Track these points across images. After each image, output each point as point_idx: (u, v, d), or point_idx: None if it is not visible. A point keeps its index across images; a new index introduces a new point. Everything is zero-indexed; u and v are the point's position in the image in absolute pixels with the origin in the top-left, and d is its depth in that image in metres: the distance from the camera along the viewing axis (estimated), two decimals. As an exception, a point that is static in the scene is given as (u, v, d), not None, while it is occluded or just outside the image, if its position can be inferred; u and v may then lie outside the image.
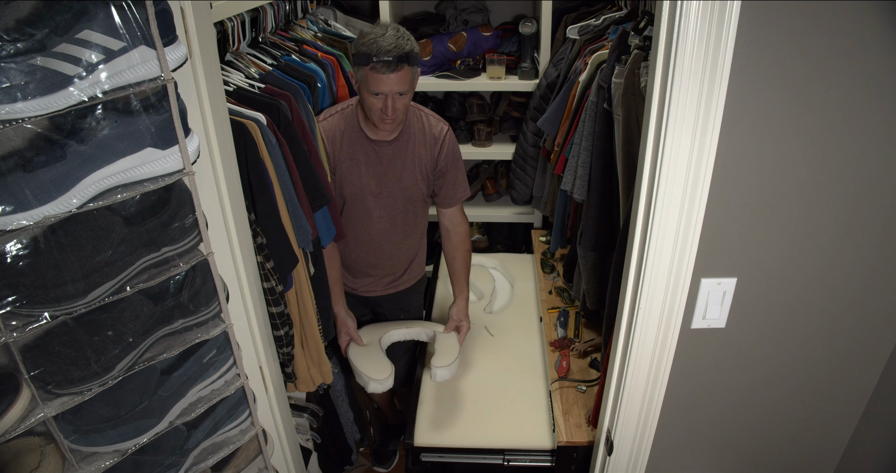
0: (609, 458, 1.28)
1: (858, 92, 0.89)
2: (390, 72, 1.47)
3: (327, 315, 1.62)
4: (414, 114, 1.72)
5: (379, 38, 1.46)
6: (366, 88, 1.52)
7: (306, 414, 1.70)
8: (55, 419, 0.88)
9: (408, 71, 1.50)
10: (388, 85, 1.49)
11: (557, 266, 2.29)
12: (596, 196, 1.57)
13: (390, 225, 1.79)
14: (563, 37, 2.19)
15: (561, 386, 1.72)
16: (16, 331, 0.80)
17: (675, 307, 1.06)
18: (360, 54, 1.48)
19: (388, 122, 1.58)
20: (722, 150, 0.93)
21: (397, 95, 1.52)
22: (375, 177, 1.70)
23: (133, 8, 0.76)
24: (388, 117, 1.55)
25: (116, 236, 0.86)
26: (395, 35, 1.48)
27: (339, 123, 1.65)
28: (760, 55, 0.86)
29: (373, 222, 1.76)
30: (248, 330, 1.15)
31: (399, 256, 1.89)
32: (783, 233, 1.02)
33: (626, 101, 1.36)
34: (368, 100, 1.53)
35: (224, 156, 1.00)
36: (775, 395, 1.20)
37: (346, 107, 1.67)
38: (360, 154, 1.68)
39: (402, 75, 1.49)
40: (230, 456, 1.20)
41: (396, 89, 1.50)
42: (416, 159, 1.72)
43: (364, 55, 1.47)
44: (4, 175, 0.74)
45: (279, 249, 1.26)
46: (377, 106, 1.53)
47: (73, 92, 0.75)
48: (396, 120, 1.59)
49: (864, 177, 0.96)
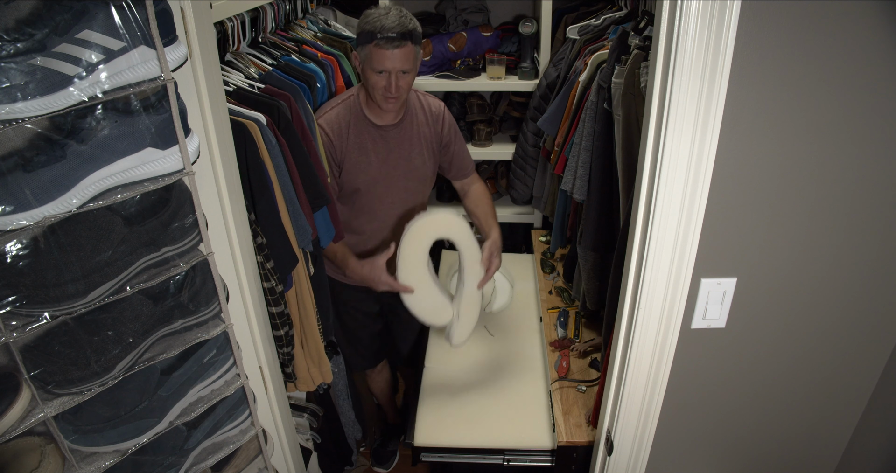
0: (609, 458, 1.28)
1: (858, 92, 0.89)
2: (394, 48, 1.48)
3: (327, 315, 1.62)
4: (412, 95, 1.75)
5: (382, 16, 1.48)
6: (370, 66, 1.52)
7: (306, 414, 1.70)
8: (55, 419, 0.88)
9: (411, 48, 1.51)
10: (392, 61, 1.50)
11: (557, 266, 2.29)
12: (596, 196, 1.57)
13: (403, 209, 1.80)
14: (563, 37, 2.19)
15: (561, 386, 1.72)
16: (16, 331, 0.80)
17: (675, 307, 1.06)
18: (363, 33, 1.49)
19: (391, 101, 1.58)
20: (722, 150, 0.93)
21: (401, 73, 1.53)
22: (385, 162, 1.70)
23: (133, 8, 0.76)
24: (392, 95, 1.55)
25: (116, 236, 0.86)
26: (399, 13, 1.50)
27: (342, 114, 1.64)
28: (760, 55, 0.86)
29: (387, 208, 1.77)
30: (248, 330, 1.15)
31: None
32: (783, 233, 1.02)
33: (626, 101, 1.36)
34: (372, 78, 1.54)
35: (224, 156, 1.00)
36: (775, 395, 1.20)
37: (347, 97, 1.66)
38: (368, 142, 1.67)
39: (405, 52, 1.50)
40: (230, 456, 1.20)
41: (400, 66, 1.51)
42: (422, 138, 1.74)
43: (368, 33, 1.48)
44: (4, 175, 0.74)
45: (279, 249, 1.26)
46: (381, 84, 1.53)
47: (73, 92, 0.75)
48: (400, 98, 1.59)
49: (864, 176, 0.96)
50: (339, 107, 1.65)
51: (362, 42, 1.51)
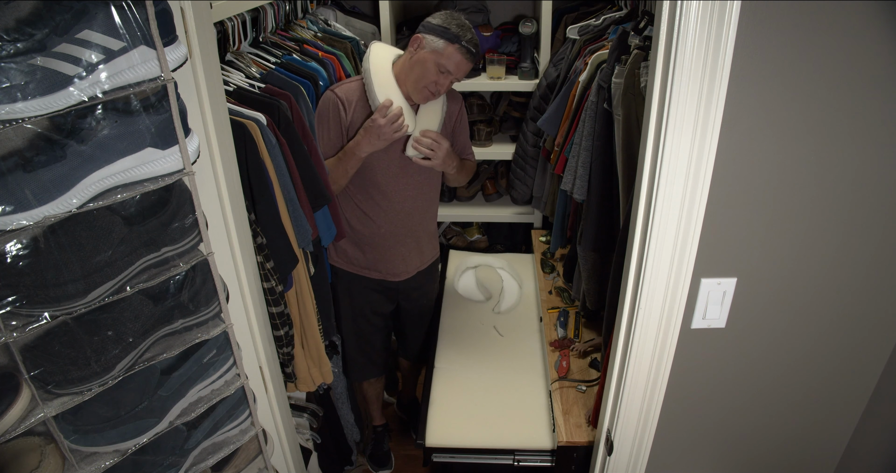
0: (609, 458, 1.28)
1: (858, 92, 0.89)
2: (470, 60, 1.60)
3: (328, 315, 1.62)
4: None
5: (467, 29, 1.59)
6: (436, 61, 1.59)
7: (306, 414, 1.70)
8: (55, 419, 0.88)
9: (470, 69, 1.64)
10: (462, 70, 1.61)
11: (557, 266, 2.29)
12: (596, 196, 1.57)
13: (417, 191, 1.81)
14: (563, 37, 2.19)
15: (561, 386, 1.72)
16: (16, 331, 0.80)
17: (675, 307, 1.06)
18: (450, 30, 1.57)
19: (427, 97, 1.66)
20: (722, 150, 0.93)
21: (454, 79, 1.63)
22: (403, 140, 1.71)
23: (133, 8, 0.76)
24: (433, 94, 1.64)
25: (116, 236, 0.86)
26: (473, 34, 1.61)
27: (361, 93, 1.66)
28: (760, 55, 0.86)
29: (401, 190, 1.78)
30: (248, 330, 1.15)
31: (426, 224, 1.92)
32: (783, 233, 1.02)
33: (626, 101, 1.36)
34: (432, 72, 1.60)
35: (224, 156, 1.00)
36: (775, 395, 1.20)
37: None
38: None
39: (469, 68, 1.63)
40: (230, 456, 1.20)
41: (460, 75, 1.63)
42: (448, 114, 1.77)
43: (454, 34, 1.57)
44: (4, 175, 0.74)
45: (279, 249, 1.26)
46: (435, 79, 1.60)
47: (73, 92, 0.75)
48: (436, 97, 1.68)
49: (864, 176, 0.96)
50: (358, 81, 1.69)
51: (445, 37, 1.57)
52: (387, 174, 1.74)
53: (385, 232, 1.82)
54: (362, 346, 2.02)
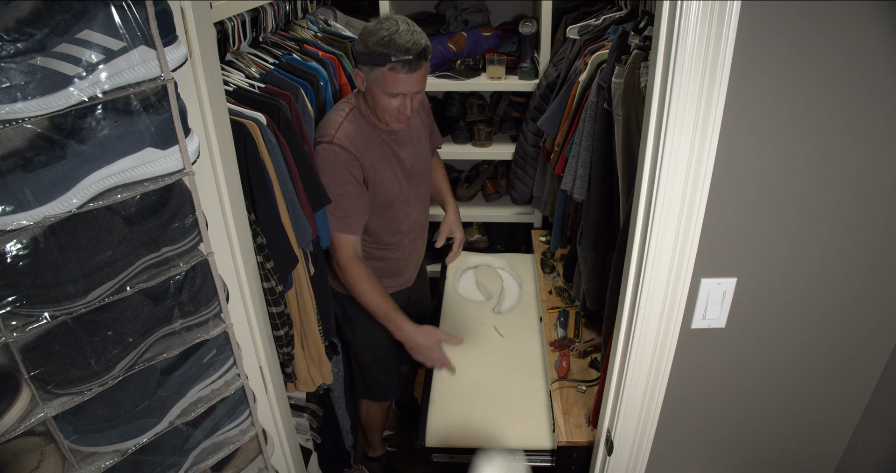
0: (609, 458, 1.28)
1: (858, 91, 0.89)
2: (411, 72, 1.38)
3: (328, 315, 1.62)
4: None
5: (393, 34, 1.35)
6: (381, 89, 1.42)
7: (306, 414, 1.70)
8: (55, 419, 0.88)
9: (426, 67, 1.42)
10: (409, 85, 1.40)
11: (557, 266, 2.29)
12: (596, 196, 1.57)
13: (422, 206, 1.80)
14: (563, 37, 2.19)
15: (561, 386, 1.72)
16: (16, 331, 0.80)
17: (675, 307, 1.06)
18: (373, 53, 1.37)
19: (403, 122, 1.51)
20: (722, 150, 0.93)
21: (415, 94, 1.45)
22: (402, 165, 1.66)
23: (133, 8, 0.76)
24: (405, 116, 1.48)
25: (116, 236, 0.86)
26: (409, 29, 1.37)
27: (354, 130, 1.51)
28: (760, 55, 0.86)
29: (412, 210, 1.75)
30: (248, 330, 1.15)
31: (426, 234, 1.91)
32: (783, 233, 1.02)
33: (626, 101, 1.36)
34: (383, 101, 1.44)
35: (224, 156, 1.00)
36: (775, 395, 1.20)
37: (349, 110, 1.54)
38: (387, 150, 1.61)
39: (422, 74, 1.42)
40: (230, 456, 1.20)
41: (416, 89, 1.43)
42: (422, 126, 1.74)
43: (380, 55, 1.36)
44: (4, 175, 0.74)
45: (279, 249, 1.26)
46: (393, 105, 1.44)
47: (73, 92, 0.75)
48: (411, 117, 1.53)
49: (864, 176, 0.96)
50: (345, 123, 1.51)
51: (372, 62, 1.37)
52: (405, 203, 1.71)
53: (400, 255, 1.81)
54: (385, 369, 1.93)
